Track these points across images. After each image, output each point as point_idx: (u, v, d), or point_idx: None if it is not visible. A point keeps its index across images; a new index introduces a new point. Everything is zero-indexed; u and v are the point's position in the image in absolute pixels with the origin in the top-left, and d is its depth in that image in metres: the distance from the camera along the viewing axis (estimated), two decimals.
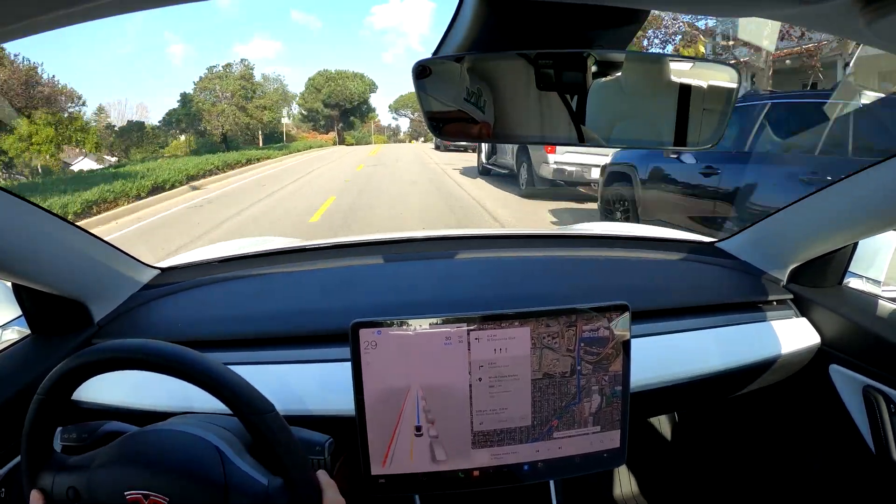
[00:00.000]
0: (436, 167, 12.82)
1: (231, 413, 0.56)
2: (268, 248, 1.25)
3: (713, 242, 1.24)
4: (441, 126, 0.55)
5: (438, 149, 18.88)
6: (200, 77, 26.61)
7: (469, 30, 0.51)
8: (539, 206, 6.56)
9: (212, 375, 0.55)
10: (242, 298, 1.01)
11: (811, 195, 0.95)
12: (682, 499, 1.33)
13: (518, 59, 0.53)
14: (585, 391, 0.76)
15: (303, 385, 0.82)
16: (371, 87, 40.41)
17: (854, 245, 1.02)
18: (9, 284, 0.84)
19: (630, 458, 0.87)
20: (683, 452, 1.37)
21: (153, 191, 9.59)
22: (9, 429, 0.72)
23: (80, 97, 16.08)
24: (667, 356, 0.92)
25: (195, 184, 11.24)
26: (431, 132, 0.56)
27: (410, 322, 0.71)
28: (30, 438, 0.56)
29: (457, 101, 0.54)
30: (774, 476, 1.16)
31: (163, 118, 25.86)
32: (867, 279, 1.67)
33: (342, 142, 36.92)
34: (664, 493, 1.34)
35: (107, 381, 0.68)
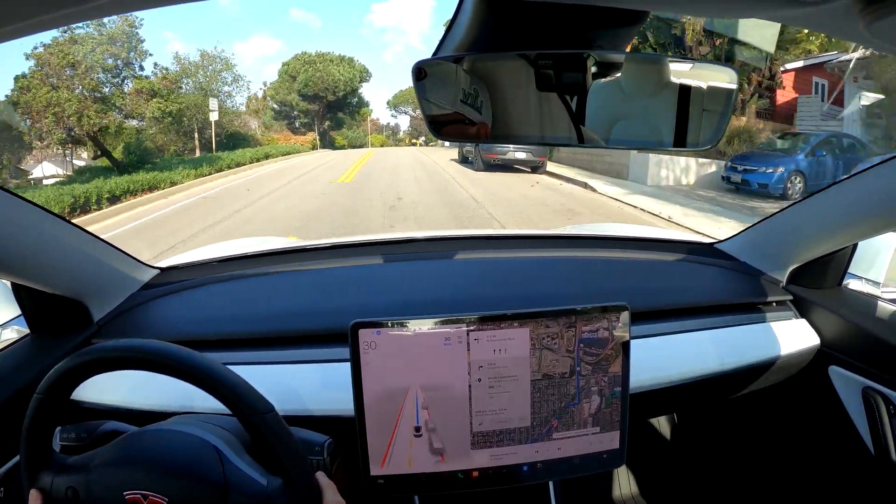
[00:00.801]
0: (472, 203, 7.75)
1: (230, 413, 0.57)
2: (268, 248, 1.25)
3: (713, 243, 1.24)
4: (440, 127, 0.55)
5: (467, 161, 13.74)
6: (44, 44, 13.04)
7: (469, 30, 0.51)
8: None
9: (211, 375, 0.55)
10: (242, 298, 1.01)
11: (811, 196, 0.95)
12: (682, 499, 1.33)
13: (518, 60, 0.53)
14: (585, 392, 0.76)
15: (302, 385, 0.82)
16: (362, 75, 32.30)
17: (854, 246, 1.02)
18: (9, 284, 0.84)
19: (630, 459, 0.87)
20: (683, 453, 1.37)
21: None
22: (8, 428, 0.72)
23: None
24: (666, 357, 0.92)
25: None
26: (432, 133, 0.56)
27: (410, 322, 0.71)
28: (29, 438, 0.56)
29: (454, 104, 0.54)
30: (774, 477, 1.16)
31: None
32: (867, 280, 1.67)
33: (330, 144, 31.33)
34: (664, 494, 1.34)
35: (106, 381, 0.68)
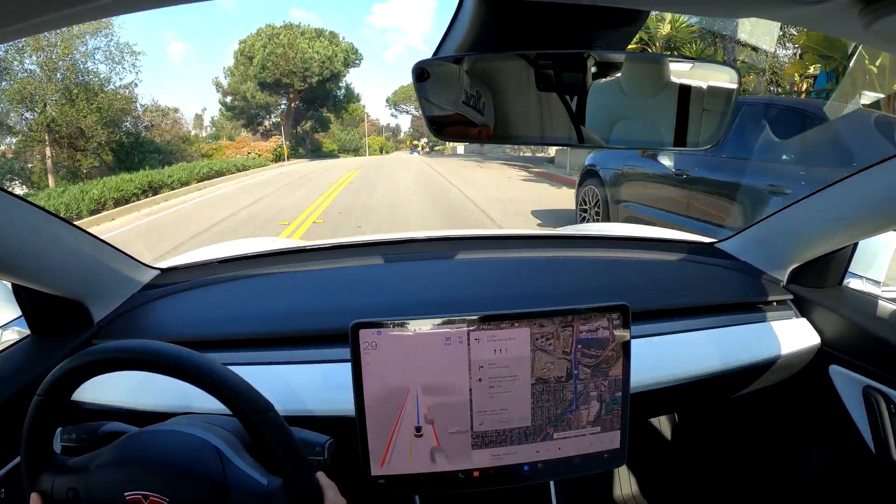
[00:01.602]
0: None
1: (230, 413, 0.57)
2: (268, 249, 1.25)
3: (713, 243, 1.24)
4: (441, 128, 0.55)
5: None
6: None
7: (469, 30, 0.51)
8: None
9: (210, 375, 0.55)
10: (242, 299, 1.01)
11: (811, 196, 0.95)
12: (682, 499, 1.33)
13: (518, 60, 0.53)
14: (583, 397, 0.75)
15: (303, 385, 0.82)
16: (348, 57, 23.87)
17: (854, 245, 1.02)
18: (9, 285, 0.84)
19: (630, 459, 0.87)
20: (684, 453, 1.37)
21: None
22: (9, 429, 0.72)
23: None
24: (666, 357, 0.92)
25: None
26: (432, 134, 0.56)
27: (410, 322, 0.71)
28: (29, 439, 0.56)
29: (455, 105, 0.54)
30: (775, 476, 1.16)
31: None
32: (867, 279, 1.67)
33: (314, 151, 24.90)
34: (664, 494, 1.33)
35: (107, 382, 0.68)
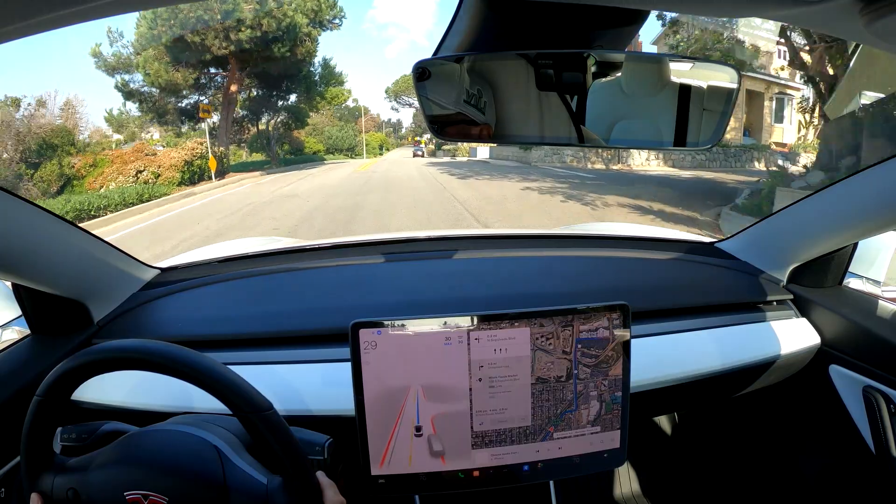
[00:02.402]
0: None
1: (230, 413, 0.57)
2: (268, 249, 1.25)
3: (713, 242, 1.24)
4: (442, 128, 0.55)
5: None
6: None
7: (469, 30, 0.51)
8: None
9: (210, 375, 0.55)
10: (242, 298, 1.01)
11: (811, 195, 0.95)
12: (683, 498, 1.33)
13: (518, 60, 0.53)
14: (583, 397, 0.75)
15: (303, 385, 0.82)
16: (322, 9, 15.77)
17: (854, 245, 1.02)
18: (9, 284, 0.84)
19: (631, 458, 0.87)
20: (684, 452, 1.37)
21: None
22: (9, 429, 0.72)
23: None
24: (666, 356, 0.92)
25: None
26: (433, 134, 0.56)
27: (410, 322, 0.71)
28: (29, 438, 0.56)
29: (457, 104, 0.54)
30: (775, 475, 1.16)
31: None
32: (867, 279, 1.67)
33: (288, 156, 20.82)
34: (664, 493, 1.34)
35: (107, 381, 0.68)
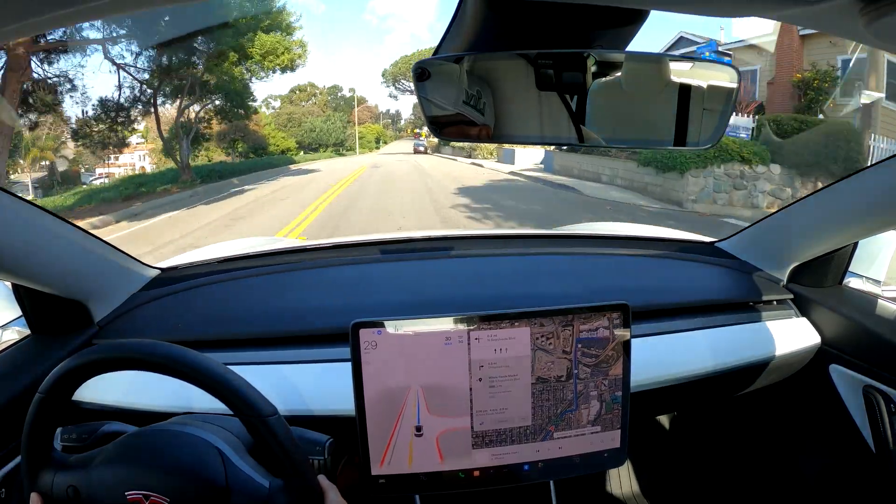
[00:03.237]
0: None
1: (232, 413, 0.57)
2: (268, 248, 1.25)
3: (713, 242, 1.24)
4: (442, 128, 0.55)
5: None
6: None
7: (469, 30, 0.51)
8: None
9: (213, 377, 0.55)
10: (242, 298, 1.01)
11: (811, 195, 0.95)
12: (683, 498, 1.33)
13: (518, 60, 0.53)
14: (583, 397, 0.75)
15: (303, 385, 0.82)
16: None
17: (854, 245, 1.02)
18: (9, 284, 0.84)
19: (631, 458, 0.87)
20: (684, 452, 1.37)
21: None
22: (9, 429, 0.72)
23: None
24: (666, 356, 0.92)
25: None
26: (433, 134, 0.56)
27: (410, 322, 0.71)
28: (30, 439, 0.56)
29: (456, 104, 0.54)
30: (775, 475, 1.16)
31: None
32: (867, 279, 1.67)
33: (254, 160, 15.51)
34: (664, 493, 1.34)
35: (107, 382, 0.68)
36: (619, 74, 0.53)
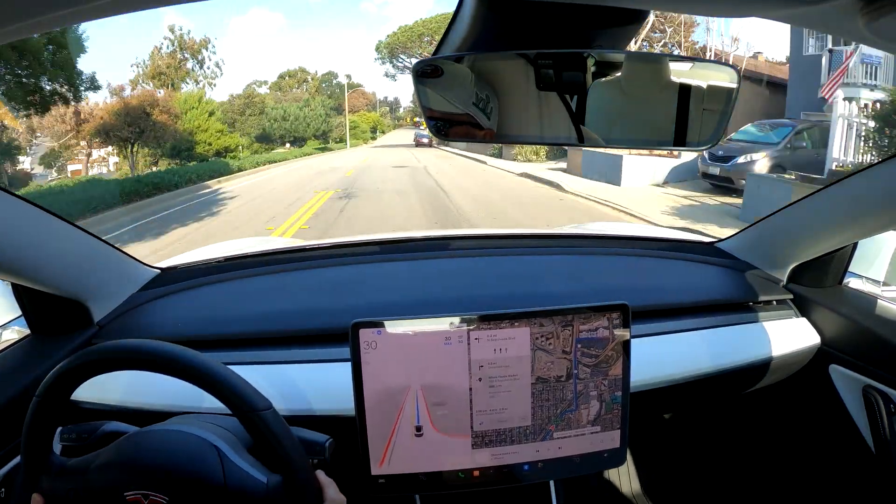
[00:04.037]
0: None
1: (230, 413, 0.57)
2: (267, 249, 1.25)
3: (713, 242, 1.24)
4: (442, 128, 0.55)
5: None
6: None
7: (469, 30, 0.51)
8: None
9: (210, 374, 0.55)
10: (242, 298, 1.01)
11: (811, 195, 0.95)
12: (683, 498, 1.33)
13: (518, 60, 0.53)
14: (583, 397, 0.75)
15: (303, 385, 0.82)
16: None
17: (854, 245, 1.02)
18: (9, 284, 0.84)
19: (630, 458, 0.87)
20: (684, 452, 1.37)
21: None
22: (9, 429, 0.72)
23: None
24: (666, 356, 0.92)
25: None
26: (433, 134, 0.56)
27: (410, 322, 0.71)
28: (29, 439, 0.57)
29: (465, 105, 0.54)
30: (775, 475, 1.16)
31: None
32: (867, 279, 1.67)
33: (151, 176, 9.05)
34: (665, 493, 1.34)
35: (106, 381, 0.68)
36: (619, 74, 0.53)
